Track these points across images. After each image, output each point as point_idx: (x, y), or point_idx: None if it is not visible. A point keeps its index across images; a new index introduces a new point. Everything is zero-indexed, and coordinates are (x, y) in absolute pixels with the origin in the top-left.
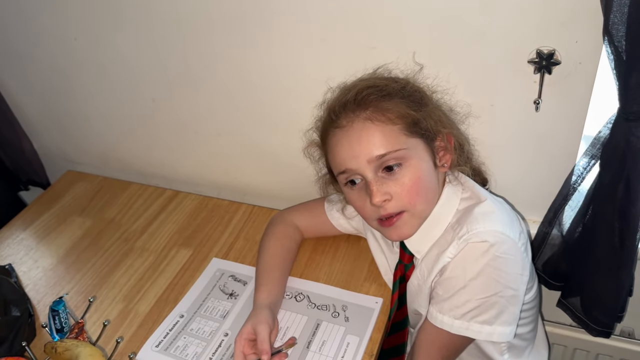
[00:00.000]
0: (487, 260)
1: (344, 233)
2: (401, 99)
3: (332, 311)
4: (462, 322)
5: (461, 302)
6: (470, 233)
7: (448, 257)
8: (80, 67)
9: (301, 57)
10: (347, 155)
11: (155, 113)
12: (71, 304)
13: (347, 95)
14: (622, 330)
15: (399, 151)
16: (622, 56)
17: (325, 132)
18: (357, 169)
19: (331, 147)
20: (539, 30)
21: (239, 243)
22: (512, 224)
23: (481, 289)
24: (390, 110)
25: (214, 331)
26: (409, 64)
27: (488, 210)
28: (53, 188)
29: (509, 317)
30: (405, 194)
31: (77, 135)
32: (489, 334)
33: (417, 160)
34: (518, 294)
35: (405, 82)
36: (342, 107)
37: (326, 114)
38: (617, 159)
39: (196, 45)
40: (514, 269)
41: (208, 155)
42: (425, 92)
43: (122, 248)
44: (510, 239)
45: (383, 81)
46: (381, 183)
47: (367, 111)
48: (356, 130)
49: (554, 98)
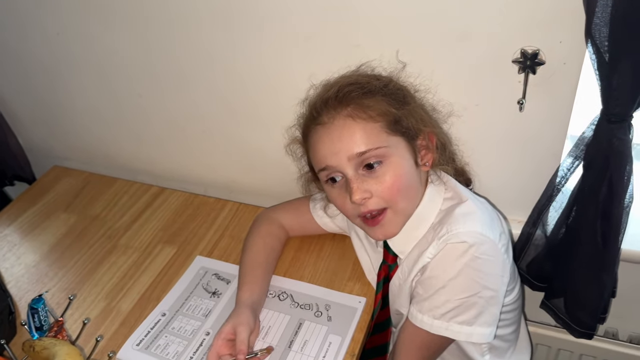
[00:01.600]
0: (466, 261)
1: (329, 232)
2: (383, 96)
3: (315, 310)
4: (441, 322)
5: (440, 302)
6: (450, 233)
7: (428, 257)
8: (64, 62)
9: (286, 55)
10: (327, 152)
11: (141, 109)
12: (53, 301)
13: (329, 92)
14: (606, 331)
15: (379, 149)
16: (604, 58)
17: (307, 129)
18: (337, 165)
19: (312, 144)
20: (524, 30)
21: (223, 241)
22: (492, 225)
23: (460, 289)
24: (371, 108)
25: (195, 330)
26: (393, 62)
27: (469, 210)
28: (38, 183)
29: (488, 318)
30: (385, 191)
31: (63, 131)
32: (469, 335)
33: (398, 158)
34: (497, 295)
35: (388, 79)
36: (323, 104)
37: (308, 111)
38: (600, 161)
39: (183, 42)
40: (494, 269)
41: (194, 151)
42: (407, 91)
43: (106, 245)
44: (490, 240)
45: (365, 78)
46: (361, 181)
47: (348, 108)
48: (337, 127)
49: (538, 98)
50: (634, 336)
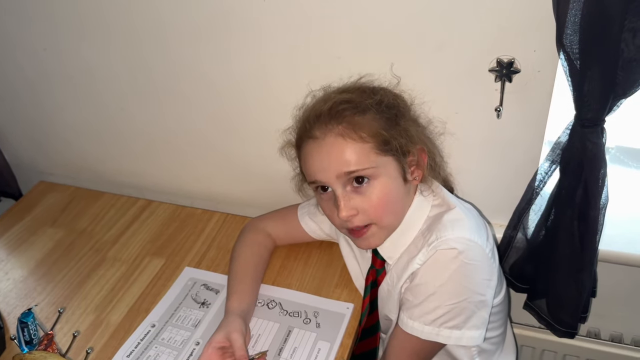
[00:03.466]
0: (455, 267)
1: (317, 239)
2: (376, 114)
3: (304, 318)
4: (432, 328)
5: (431, 309)
6: (439, 240)
7: (417, 263)
8: (50, 77)
9: (268, 68)
10: (317, 168)
11: (124, 123)
12: (42, 315)
13: (323, 107)
14: (588, 331)
15: (367, 169)
16: (575, 65)
17: (300, 139)
18: (326, 182)
19: (304, 155)
20: (499, 40)
21: (211, 252)
22: (479, 230)
23: (450, 295)
24: (363, 128)
25: (185, 340)
26: (382, 74)
27: (457, 217)
28: (25, 199)
29: (477, 322)
30: (372, 210)
31: (48, 146)
32: (458, 339)
33: (386, 178)
34: (486, 298)
35: (383, 96)
36: (316, 118)
37: (301, 122)
38: (575, 164)
39: (164, 56)
40: (482, 274)
41: (179, 164)
42: (400, 108)
43: (94, 258)
44: (478, 246)
45: (359, 96)
46: (349, 198)
47: (340, 126)
48: (327, 145)
49: (515, 105)
50: (615, 335)
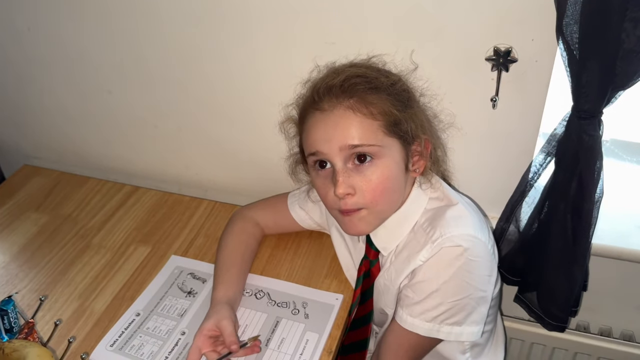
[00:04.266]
0: (460, 264)
1: (306, 229)
2: (388, 95)
3: (292, 308)
4: (433, 324)
5: (433, 306)
6: (444, 237)
7: (420, 260)
8: (33, 59)
9: (260, 54)
10: (320, 138)
11: (111, 106)
12: (24, 303)
13: (335, 80)
14: (577, 325)
15: (373, 146)
16: (574, 55)
17: (305, 112)
18: (327, 153)
19: (307, 127)
20: (496, 28)
21: (199, 240)
22: (482, 226)
23: (453, 292)
24: (374, 105)
25: (170, 330)
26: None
27: (460, 213)
28: (8, 183)
29: (477, 317)
30: (369, 191)
31: (32, 129)
32: (458, 335)
33: (389, 160)
34: (486, 294)
35: (397, 79)
36: (326, 91)
37: (309, 94)
38: (571, 156)
39: (152, 38)
40: (484, 271)
41: (168, 150)
42: (413, 94)
43: (78, 245)
44: (482, 242)
45: (374, 73)
46: (348, 175)
47: (350, 100)
48: (335, 116)
49: (511, 95)
50: (604, 329)
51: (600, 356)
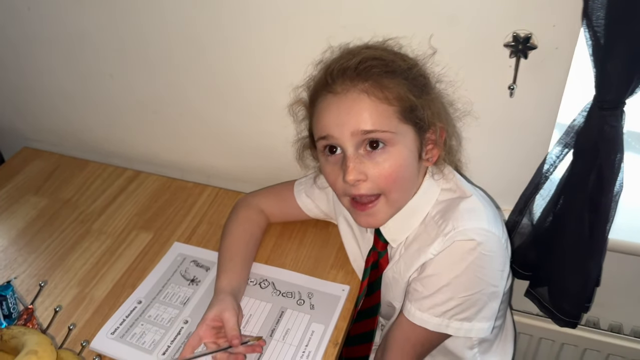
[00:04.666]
0: (472, 259)
1: (312, 218)
2: (404, 79)
3: (298, 299)
4: (442, 319)
5: (443, 300)
6: (456, 231)
7: (431, 253)
8: (33, 39)
9: (267, 37)
10: (332, 122)
11: (113, 89)
12: (22, 288)
13: (350, 62)
14: (587, 320)
15: (386, 133)
16: (600, 42)
17: (317, 94)
18: (338, 138)
19: (319, 110)
20: (516, 13)
21: (202, 227)
22: (496, 220)
23: (464, 287)
24: (390, 89)
25: (173, 318)
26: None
27: (473, 206)
28: (7, 165)
29: (488, 313)
30: (381, 178)
31: (32, 111)
32: (468, 331)
33: (403, 148)
34: (498, 290)
35: (413, 63)
36: (340, 73)
37: (322, 75)
38: (591, 148)
39: (155, 20)
40: (497, 265)
41: (170, 135)
42: (429, 80)
43: (78, 230)
44: (496, 236)
45: (390, 56)
46: (359, 161)
47: (365, 83)
48: (349, 100)
49: (529, 84)
50: (614, 325)
51: (610, 353)
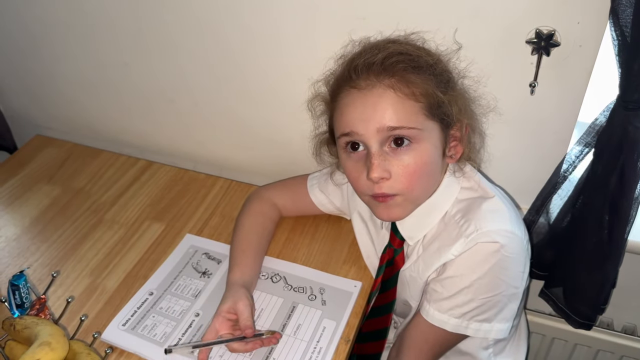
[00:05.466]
0: (495, 261)
1: (325, 213)
2: (431, 75)
3: (309, 294)
4: (461, 320)
5: (463, 302)
6: (479, 232)
7: (452, 254)
8: (49, 26)
9: (286, 28)
10: (357, 118)
11: (128, 78)
12: (34, 277)
13: (375, 57)
14: (601, 321)
15: (412, 129)
16: (627, 40)
17: (339, 89)
18: (363, 134)
19: (341, 106)
20: (539, 9)
21: (214, 219)
22: (518, 221)
23: (486, 288)
24: (416, 85)
25: (184, 311)
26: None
27: (497, 207)
28: (20, 153)
29: (507, 314)
30: (405, 176)
31: (45, 99)
32: (487, 332)
33: (428, 145)
34: (519, 291)
35: (438, 58)
36: (365, 68)
37: (345, 70)
38: (613, 149)
39: (172, 7)
40: (519, 267)
41: (184, 125)
42: (452, 75)
43: (90, 220)
44: (519, 238)
45: (416, 51)
46: (384, 158)
47: (392, 79)
48: (375, 96)
49: (551, 81)
50: (628, 326)
51: (623, 354)
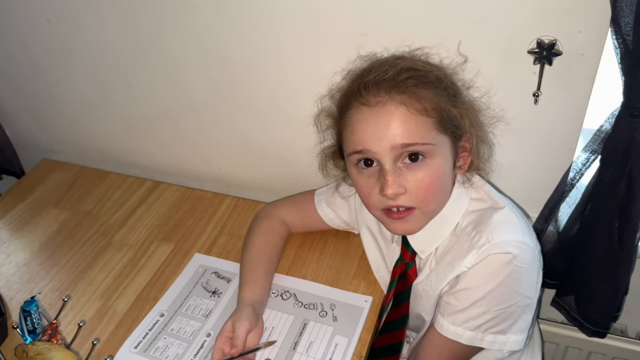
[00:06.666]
0: (508, 272)
1: (333, 228)
2: (440, 89)
3: (320, 310)
4: (476, 333)
5: (478, 314)
6: (492, 243)
7: (465, 266)
8: (52, 50)
9: (289, 45)
10: (370, 136)
11: (132, 99)
12: (45, 301)
13: (385, 74)
14: (614, 328)
15: (426, 145)
16: (629, 48)
17: (348, 105)
18: (377, 152)
19: (352, 123)
20: (540, 19)
21: (222, 238)
22: (530, 231)
23: (500, 300)
24: (428, 100)
25: (196, 331)
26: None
27: (508, 218)
28: (27, 177)
29: (522, 325)
30: (421, 191)
31: (51, 122)
32: (503, 344)
33: (441, 159)
34: (533, 301)
35: (444, 72)
36: (375, 84)
37: (353, 86)
38: (619, 156)
39: (175, 29)
40: (532, 277)
41: (190, 144)
42: (459, 88)
43: (99, 242)
44: (531, 248)
45: (425, 66)
46: (398, 174)
47: (403, 95)
48: (387, 113)
49: (554, 90)
50: None
51: None
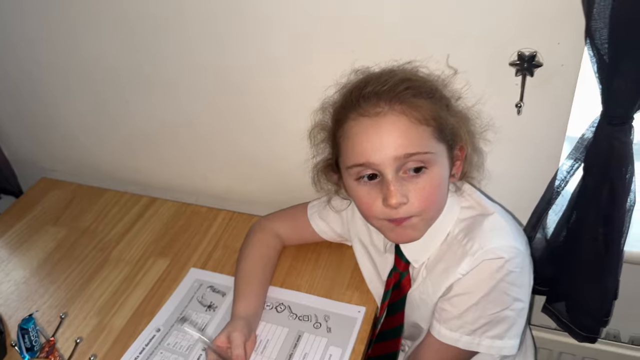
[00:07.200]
0: (501, 276)
1: (326, 240)
2: (435, 99)
3: (314, 322)
4: (473, 337)
5: (473, 319)
6: (484, 250)
7: (460, 273)
8: (48, 70)
9: (281, 60)
10: (371, 148)
11: (128, 116)
12: (43, 319)
13: (384, 85)
14: (607, 333)
15: (427, 154)
16: (604, 59)
17: (345, 117)
18: (379, 164)
19: (351, 135)
20: (520, 32)
21: (217, 252)
22: (520, 236)
23: (493, 304)
24: (426, 109)
25: (192, 345)
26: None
27: (498, 224)
28: (26, 196)
29: (517, 330)
30: (422, 200)
31: (48, 141)
32: (500, 349)
33: (440, 168)
34: (526, 305)
35: (436, 83)
36: (375, 95)
37: (351, 98)
38: (601, 163)
39: (171, 46)
40: (524, 281)
41: (186, 159)
42: (450, 99)
43: (97, 259)
44: (522, 252)
45: (417, 77)
46: (400, 184)
47: (402, 105)
48: (388, 123)
49: (537, 101)
50: (635, 337)
51: None
